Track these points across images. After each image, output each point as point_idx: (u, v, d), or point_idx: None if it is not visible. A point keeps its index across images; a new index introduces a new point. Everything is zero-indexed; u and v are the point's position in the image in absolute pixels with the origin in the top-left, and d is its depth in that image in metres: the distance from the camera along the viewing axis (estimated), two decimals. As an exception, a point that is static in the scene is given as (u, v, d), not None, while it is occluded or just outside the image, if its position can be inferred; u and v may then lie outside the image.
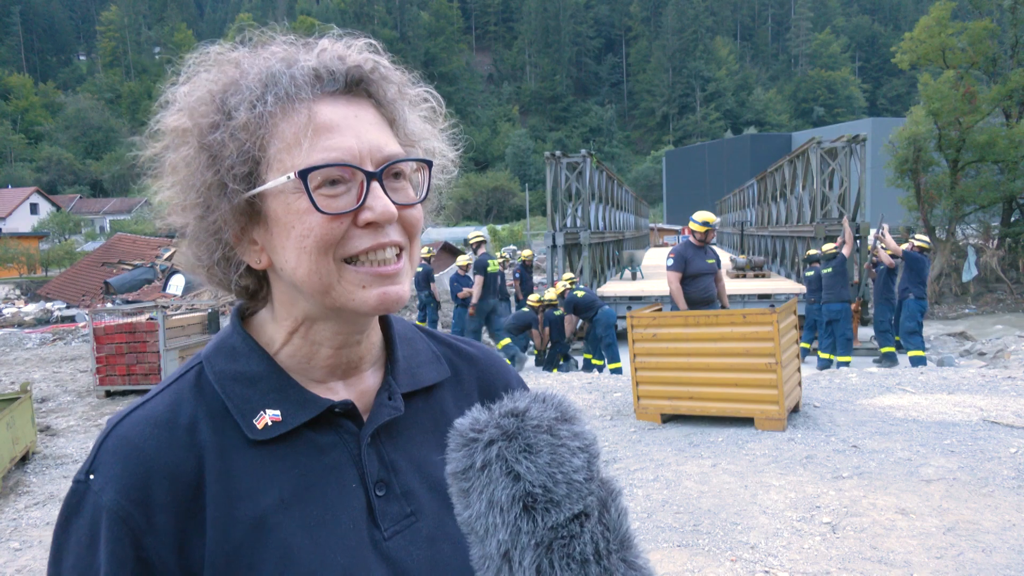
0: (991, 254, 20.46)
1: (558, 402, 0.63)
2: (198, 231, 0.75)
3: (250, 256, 0.76)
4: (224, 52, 0.76)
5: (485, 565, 0.60)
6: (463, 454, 0.61)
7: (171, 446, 0.71)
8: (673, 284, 7.34)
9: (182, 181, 0.74)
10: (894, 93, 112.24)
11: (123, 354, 9.69)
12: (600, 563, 0.59)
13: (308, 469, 0.74)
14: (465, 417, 0.63)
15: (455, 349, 0.93)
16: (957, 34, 21.30)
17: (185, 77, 0.76)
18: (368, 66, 0.74)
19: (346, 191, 0.71)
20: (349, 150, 0.70)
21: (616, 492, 0.63)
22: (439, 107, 0.82)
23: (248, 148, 0.70)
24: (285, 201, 0.71)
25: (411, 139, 0.78)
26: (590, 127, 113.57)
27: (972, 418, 6.59)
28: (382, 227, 0.71)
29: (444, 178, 0.84)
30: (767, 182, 21.89)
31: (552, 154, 16.05)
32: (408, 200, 0.75)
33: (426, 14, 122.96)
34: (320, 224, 0.70)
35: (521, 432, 0.60)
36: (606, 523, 0.61)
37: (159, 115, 0.76)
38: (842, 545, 4.12)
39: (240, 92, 0.71)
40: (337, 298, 0.72)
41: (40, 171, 77.07)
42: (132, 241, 26.49)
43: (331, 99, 0.72)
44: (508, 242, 39.38)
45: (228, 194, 0.71)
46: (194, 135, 0.72)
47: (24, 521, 5.18)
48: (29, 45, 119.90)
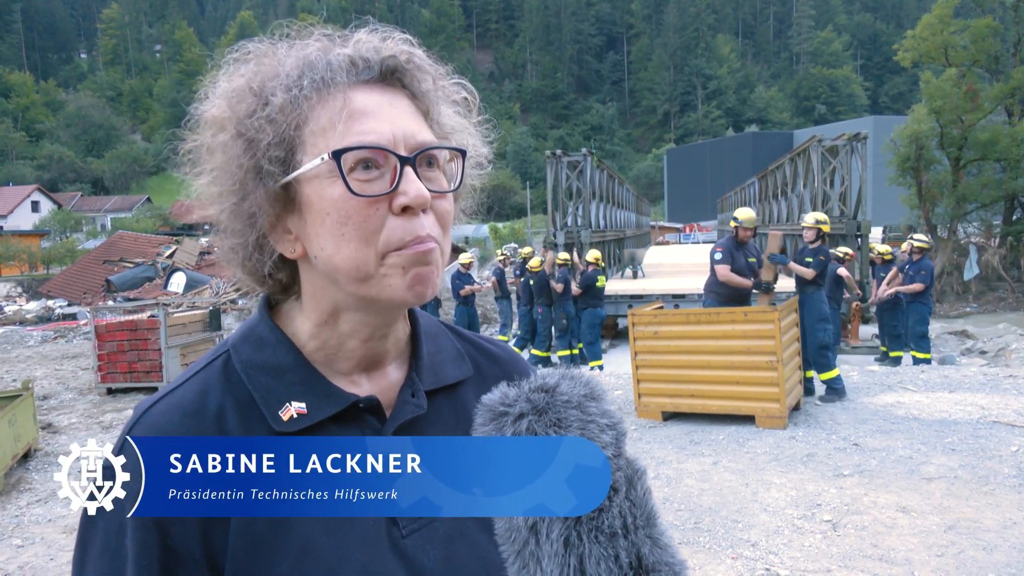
0: (993, 252, 20.44)
1: (586, 380, 0.64)
2: (233, 219, 0.75)
3: (284, 245, 0.76)
4: (261, 46, 0.77)
5: (511, 537, 0.60)
6: (492, 428, 0.61)
7: (199, 435, 0.72)
8: (727, 274, 7.44)
9: (219, 167, 0.74)
10: (896, 91, 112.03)
11: (124, 352, 9.70)
12: (628, 537, 0.59)
13: None
14: (493, 392, 0.63)
15: (479, 347, 0.93)
16: (959, 32, 21.28)
17: (225, 71, 0.77)
18: (403, 57, 0.75)
19: (379, 176, 0.71)
20: (383, 135, 0.71)
21: (641, 471, 0.63)
22: (473, 101, 0.83)
23: (284, 131, 0.71)
24: (319, 186, 0.71)
25: (445, 131, 0.78)
26: (591, 125, 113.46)
27: (973, 416, 6.58)
28: (417, 215, 0.71)
29: (477, 174, 0.84)
30: (768, 180, 21.86)
31: (553, 153, 16.04)
32: (442, 188, 0.75)
33: (427, 12, 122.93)
34: (356, 209, 0.70)
35: (551, 407, 0.60)
36: (632, 499, 0.61)
37: (198, 107, 0.77)
38: (843, 543, 4.12)
39: (277, 78, 0.72)
40: (373, 286, 0.72)
41: (41, 169, 77.10)
42: (133, 239, 26.52)
43: (366, 87, 0.73)
44: (509, 240, 39.39)
45: (263, 178, 0.72)
46: (231, 122, 0.73)
47: (26, 518, 5.20)
48: (30, 43, 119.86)
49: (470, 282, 12.90)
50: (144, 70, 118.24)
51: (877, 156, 26.32)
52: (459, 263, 13.24)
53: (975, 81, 20.71)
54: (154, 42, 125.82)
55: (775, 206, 20.29)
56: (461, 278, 12.87)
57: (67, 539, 4.76)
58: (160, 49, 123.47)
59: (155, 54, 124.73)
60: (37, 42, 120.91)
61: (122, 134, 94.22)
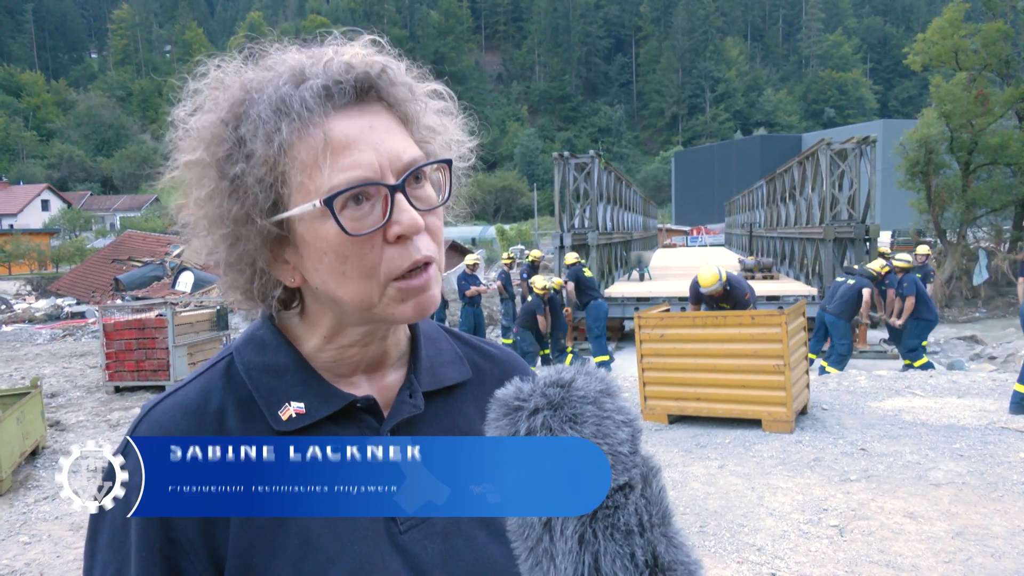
0: (1002, 257, 20.31)
1: (602, 376, 0.63)
2: (230, 259, 0.76)
3: (283, 275, 0.77)
4: (226, 71, 0.76)
5: (524, 534, 0.60)
6: (506, 422, 0.60)
7: (200, 432, 0.74)
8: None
9: (208, 215, 0.75)
10: (906, 95, 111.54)
11: (132, 350, 9.75)
12: (643, 535, 0.59)
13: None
14: (507, 387, 0.62)
15: (478, 350, 0.95)
16: (970, 36, 21.15)
17: (192, 103, 0.76)
18: (375, 71, 0.74)
19: (371, 208, 0.71)
20: (369, 165, 0.70)
21: (656, 468, 0.63)
22: (450, 99, 0.83)
23: (270, 182, 0.71)
24: (313, 226, 0.72)
25: (427, 135, 0.79)
26: (599, 127, 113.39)
27: (982, 422, 6.54)
28: (411, 239, 0.72)
29: (464, 167, 0.84)
30: (776, 183, 21.79)
31: (560, 154, 16.03)
32: (431, 204, 0.75)
33: (435, 13, 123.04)
34: (353, 249, 0.71)
35: (567, 402, 0.60)
36: (648, 497, 0.61)
37: (174, 144, 0.76)
38: (849, 548, 4.10)
39: (251, 120, 0.71)
40: (377, 313, 0.74)
41: (51, 168, 77.60)
42: (142, 238, 26.63)
43: (343, 112, 0.72)
44: (516, 242, 39.38)
45: (255, 224, 0.72)
46: (212, 168, 0.73)
47: (33, 515, 5.22)
48: (41, 43, 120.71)
49: (476, 283, 12.90)
50: (154, 70, 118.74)
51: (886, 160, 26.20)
52: (465, 264, 13.24)
53: (985, 85, 20.58)
54: (164, 42, 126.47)
55: (783, 209, 20.22)
56: (467, 279, 12.87)
57: (74, 536, 4.78)
58: (170, 49, 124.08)
59: (165, 54, 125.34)
60: (48, 42, 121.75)
61: (132, 134, 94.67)
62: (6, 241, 37.32)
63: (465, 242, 28.10)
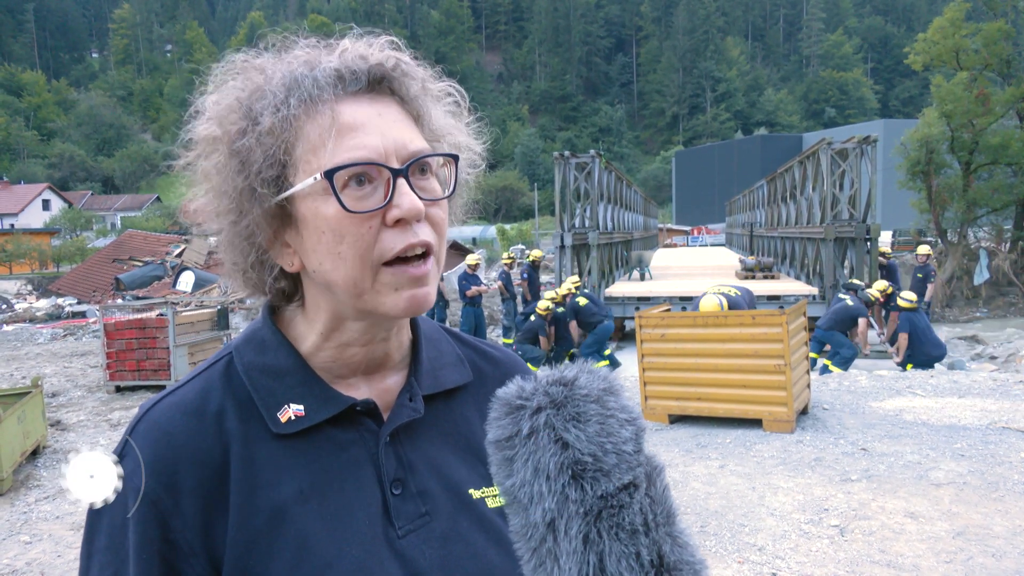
0: (1003, 257, 20.31)
1: (605, 374, 0.63)
2: (232, 236, 0.77)
3: (283, 259, 0.77)
4: (249, 59, 0.77)
5: (528, 534, 0.59)
6: (508, 421, 0.60)
7: (199, 433, 0.74)
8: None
9: (215, 188, 0.75)
10: (907, 95, 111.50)
11: (133, 350, 9.75)
12: (649, 535, 0.58)
13: (327, 464, 0.76)
14: (509, 386, 0.62)
15: (479, 351, 0.94)
16: (971, 35, 21.15)
17: (213, 86, 0.77)
18: (390, 63, 0.75)
19: (373, 190, 0.71)
20: (374, 148, 0.71)
21: (660, 467, 0.62)
22: (463, 101, 0.83)
23: (274, 152, 0.71)
24: (314, 204, 0.72)
25: (436, 135, 0.79)
26: (600, 127, 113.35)
27: (983, 422, 6.54)
28: (410, 225, 0.72)
29: (471, 172, 0.84)
30: (777, 183, 21.78)
31: (561, 154, 16.03)
32: (435, 195, 0.75)
33: (436, 13, 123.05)
34: (351, 227, 0.71)
35: (570, 400, 0.59)
36: (652, 496, 0.60)
37: (190, 125, 0.77)
38: (850, 548, 4.10)
39: (265, 97, 0.72)
40: (368, 301, 0.74)
41: (52, 167, 77.63)
42: (143, 238, 26.65)
43: (354, 99, 0.73)
44: (516, 241, 39.37)
45: (258, 198, 0.73)
46: (223, 142, 0.73)
47: (34, 515, 5.22)
48: (42, 42, 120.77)
49: (477, 283, 12.90)
50: (155, 70, 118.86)
51: (887, 160, 26.22)
52: (466, 264, 13.24)
53: (986, 85, 20.57)
54: (165, 42, 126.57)
55: (784, 209, 20.22)
56: (468, 279, 12.87)
57: (74, 536, 4.79)
58: (171, 49, 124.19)
59: (166, 54, 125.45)
60: (49, 41, 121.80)
61: (132, 133, 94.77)
62: (7, 241, 37.38)
63: (466, 242, 28.11)
